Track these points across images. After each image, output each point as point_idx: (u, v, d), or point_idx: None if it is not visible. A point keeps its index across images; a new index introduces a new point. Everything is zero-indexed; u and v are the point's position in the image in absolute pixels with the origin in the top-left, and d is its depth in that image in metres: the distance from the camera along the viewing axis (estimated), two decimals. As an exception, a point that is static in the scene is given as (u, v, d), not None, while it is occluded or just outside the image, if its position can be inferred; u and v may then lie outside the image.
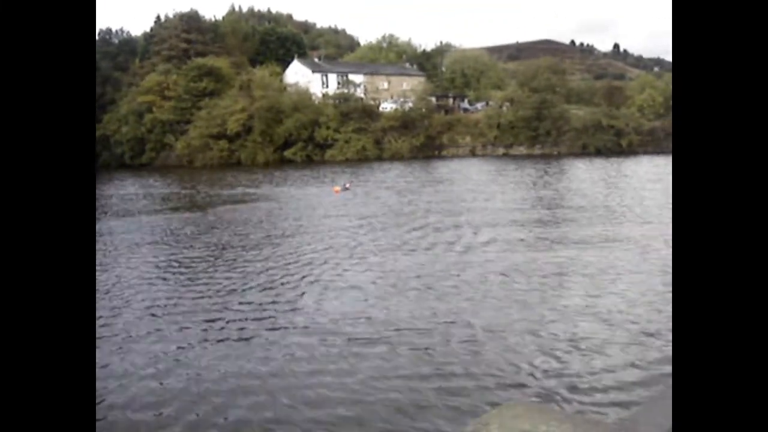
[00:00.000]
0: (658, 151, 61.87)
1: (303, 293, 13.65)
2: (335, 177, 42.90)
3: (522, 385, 8.61)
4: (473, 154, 65.44)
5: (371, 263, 16.57)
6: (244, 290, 14.05)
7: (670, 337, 9.93)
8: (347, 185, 35.02)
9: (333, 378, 9.04)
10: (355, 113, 65.83)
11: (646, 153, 61.32)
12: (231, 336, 11.03)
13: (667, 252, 16.51)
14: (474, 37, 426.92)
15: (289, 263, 16.78)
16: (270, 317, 12.03)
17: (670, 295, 12.63)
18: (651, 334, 10.35)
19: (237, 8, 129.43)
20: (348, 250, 18.42)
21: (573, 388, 8.40)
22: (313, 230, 22.06)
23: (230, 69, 75.45)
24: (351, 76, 77.67)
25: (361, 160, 60.63)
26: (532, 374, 8.95)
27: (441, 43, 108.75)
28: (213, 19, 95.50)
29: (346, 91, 70.44)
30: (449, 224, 22.30)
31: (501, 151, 65.59)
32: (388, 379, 8.90)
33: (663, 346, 9.68)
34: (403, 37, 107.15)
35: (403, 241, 19.64)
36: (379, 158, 61.73)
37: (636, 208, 25.11)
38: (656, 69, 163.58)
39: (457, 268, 15.60)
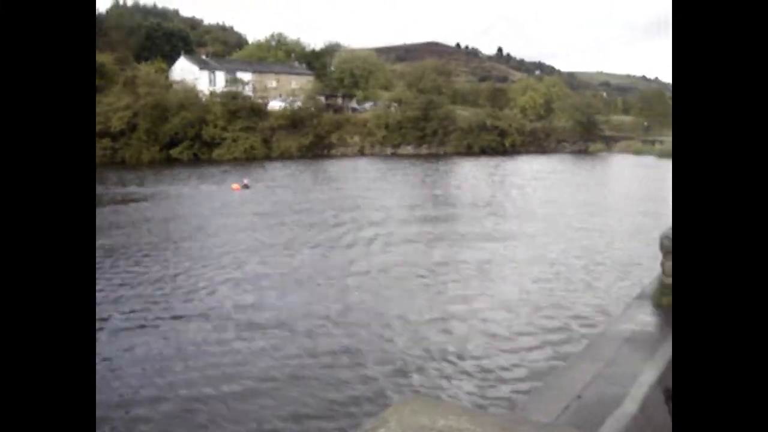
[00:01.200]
0: (539, 151, 64.70)
1: (209, 288, 13.84)
2: (227, 175, 42.37)
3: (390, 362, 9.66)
4: (362, 153, 65.98)
5: (271, 259, 16.92)
6: (145, 284, 14.02)
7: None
8: (246, 183, 34.74)
9: (228, 358, 9.84)
10: (243, 112, 64.92)
11: (528, 152, 63.82)
12: (131, 326, 11.47)
13: (549, 245, 17.59)
14: (363, 37, 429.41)
15: (194, 258, 16.88)
16: (170, 307, 12.51)
17: (544, 288, 13.52)
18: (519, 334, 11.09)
19: (121, 2, 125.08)
20: (250, 246, 18.62)
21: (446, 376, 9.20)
22: (214, 228, 22.00)
23: (114, 65, 72.54)
24: (239, 74, 76.56)
25: (249, 159, 59.96)
26: (402, 359, 9.84)
27: (330, 42, 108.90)
28: (96, 13, 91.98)
29: (234, 89, 69.34)
30: (343, 221, 22.82)
31: (389, 150, 66.45)
32: (276, 360, 9.76)
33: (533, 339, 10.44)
34: (292, 35, 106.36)
35: (303, 237, 19.99)
36: (268, 157, 61.23)
37: (519, 204, 26.31)
38: (537, 72, 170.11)
39: (350, 263, 16.23)
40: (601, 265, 15.69)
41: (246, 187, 33.79)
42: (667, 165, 46.45)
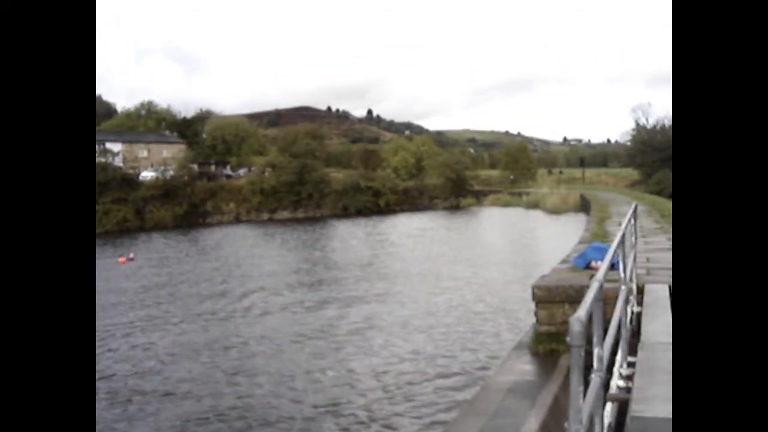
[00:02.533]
0: (413, 209, 66.24)
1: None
2: (105, 249, 40.66)
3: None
4: (238, 220, 65.23)
5: (157, 330, 16.69)
6: None
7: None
8: (132, 256, 34.18)
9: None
10: (114, 183, 62.96)
11: (402, 211, 65.18)
12: None
13: (429, 303, 18.04)
14: (234, 103, 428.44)
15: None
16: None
17: (429, 340, 13.83)
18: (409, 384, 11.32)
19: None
20: (141, 318, 18.25)
21: None
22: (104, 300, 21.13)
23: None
24: (108, 145, 74.33)
25: (123, 231, 57.99)
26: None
27: (201, 110, 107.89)
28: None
29: (103, 160, 67.29)
30: (225, 290, 22.47)
31: (266, 216, 66.08)
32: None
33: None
34: (162, 104, 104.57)
35: (190, 308, 19.71)
36: (141, 228, 59.35)
37: (396, 264, 26.78)
38: (407, 132, 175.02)
39: (233, 333, 16.11)
40: (480, 314, 16.23)
41: (131, 260, 33.30)
42: (534, 215, 48.78)
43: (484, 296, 18.87)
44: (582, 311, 2.53)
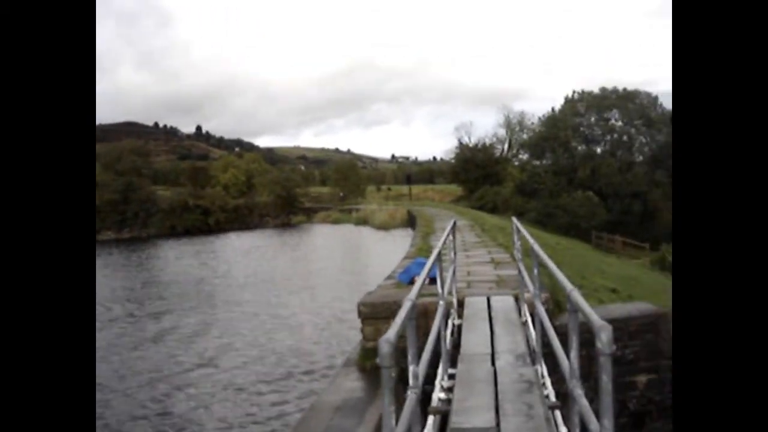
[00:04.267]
0: (243, 227, 65.19)
1: None
2: None
3: None
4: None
5: None
6: None
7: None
8: None
9: None
10: None
11: (232, 229, 63.95)
12: None
13: (260, 318, 17.78)
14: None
15: None
16: None
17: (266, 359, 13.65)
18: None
19: None
20: None
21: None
22: None
23: None
24: None
25: None
26: None
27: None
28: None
29: None
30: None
31: (87, 237, 62.49)
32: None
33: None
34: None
35: None
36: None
37: (227, 283, 26.23)
38: (237, 149, 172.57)
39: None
40: (309, 337, 16.23)
41: None
42: (363, 231, 49.55)
43: (313, 317, 18.84)
44: (392, 332, 2.56)
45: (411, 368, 3.34)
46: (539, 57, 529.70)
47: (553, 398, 4.84)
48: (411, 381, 3.30)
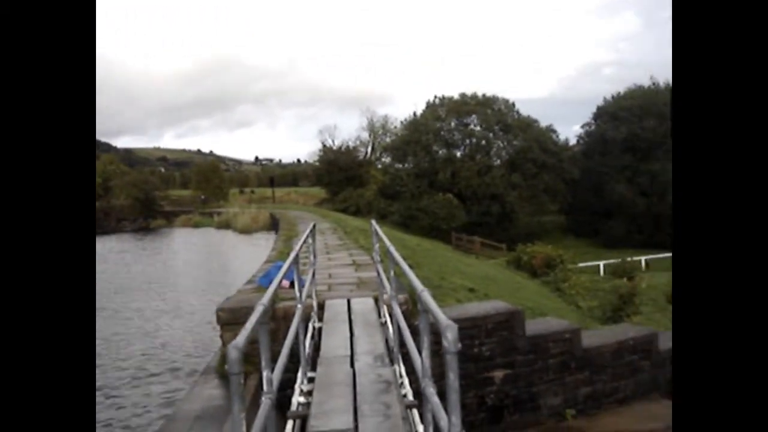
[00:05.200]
0: (99, 232, 61.51)
1: None
2: None
3: None
4: None
5: None
6: None
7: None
8: None
9: None
10: None
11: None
12: None
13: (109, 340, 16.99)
14: None
15: None
16: None
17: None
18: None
19: None
20: None
21: None
22: None
23: None
24: None
25: None
26: None
27: None
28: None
29: None
30: None
31: None
32: None
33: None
34: None
35: None
36: None
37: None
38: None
39: None
40: (168, 344, 15.72)
41: None
42: (225, 235, 48.60)
43: (172, 322, 18.31)
44: (241, 338, 2.52)
45: (265, 374, 3.30)
46: (407, 61, 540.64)
47: (410, 397, 4.93)
48: (265, 387, 3.26)
